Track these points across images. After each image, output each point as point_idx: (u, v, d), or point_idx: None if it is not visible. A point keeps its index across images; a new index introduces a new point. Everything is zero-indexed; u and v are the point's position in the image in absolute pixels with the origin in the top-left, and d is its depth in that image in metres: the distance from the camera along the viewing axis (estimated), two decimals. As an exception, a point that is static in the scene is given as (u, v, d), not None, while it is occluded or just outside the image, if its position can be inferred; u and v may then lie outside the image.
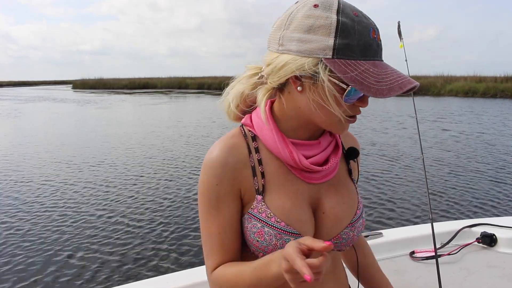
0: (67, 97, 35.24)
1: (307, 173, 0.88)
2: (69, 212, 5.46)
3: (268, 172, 0.87)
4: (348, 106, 0.78)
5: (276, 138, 0.86)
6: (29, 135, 13.05)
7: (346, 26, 0.73)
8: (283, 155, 0.86)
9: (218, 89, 39.71)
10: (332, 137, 0.93)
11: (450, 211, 5.29)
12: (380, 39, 0.76)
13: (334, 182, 0.92)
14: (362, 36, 0.73)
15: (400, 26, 1.89)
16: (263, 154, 0.89)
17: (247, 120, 0.93)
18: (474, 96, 26.28)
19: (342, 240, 0.90)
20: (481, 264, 1.90)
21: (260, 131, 0.89)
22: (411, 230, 2.19)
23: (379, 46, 0.76)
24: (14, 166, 8.32)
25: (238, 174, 0.86)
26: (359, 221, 0.92)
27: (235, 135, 0.91)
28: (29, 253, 4.22)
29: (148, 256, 4.11)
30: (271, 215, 0.84)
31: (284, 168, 0.88)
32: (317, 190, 0.90)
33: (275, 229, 0.83)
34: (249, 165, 0.87)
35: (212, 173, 0.86)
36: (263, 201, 0.85)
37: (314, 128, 0.88)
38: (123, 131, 13.43)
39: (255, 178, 0.86)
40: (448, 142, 10.34)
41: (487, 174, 7.15)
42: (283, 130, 0.88)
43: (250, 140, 0.90)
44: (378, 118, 15.42)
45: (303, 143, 0.88)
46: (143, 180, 7.02)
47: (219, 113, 6.57)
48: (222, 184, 0.86)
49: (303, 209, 0.87)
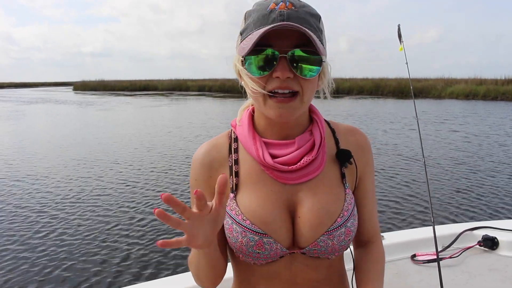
0: (68, 98, 35.27)
1: (279, 173, 0.88)
2: (73, 211, 5.46)
3: (242, 171, 0.90)
4: (266, 79, 0.80)
5: (247, 136, 0.90)
6: (32, 136, 13.05)
7: (249, 13, 0.83)
8: (252, 153, 0.89)
9: (219, 91, 40.02)
10: (311, 136, 0.91)
11: (451, 214, 5.28)
12: (285, 7, 0.78)
13: (315, 185, 0.89)
14: (258, 12, 0.80)
15: (400, 29, 1.90)
16: (241, 154, 0.92)
17: (233, 122, 0.97)
18: (474, 98, 26.27)
19: (321, 248, 0.86)
20: (482, 268, 1.89)
21: (239, 131, 0.94)
22: (412, 233, 2.19)
23: (281, 14, 0.78)
24: (18, 167, 8.32)
25: (214, 172, 0.92)
26: (340, 230, 0.86)
27: (222, 136, 0.97)
28: (35, 253, 4.22)
29: (156, 257, 4.11)
30: (239, 213, 0.86)
31: (258, 168, 0.90)
32: (294, 193, 0.89)
33: (241, 226, 0.85)
34: (227, 164, 0.92)
35: (193, 169, 0.95)
36: (234, 199, 0.88)
37: (285, 126, 0.89)
38: (126, 133, 13.43)
39: (230, 177, 0.90)
40: (449, 144, 10.32)
41: (489, 177, 7.13)
42: (258, 130, 0.92)
43: (232, 141, 0.95)
44: (379, 120, 15.41)
45: (276, 143, 0.89)
46: (150, 181, 7.02)
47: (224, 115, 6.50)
48: (199, 180, 0.93)
49: (272, 209, 0.86)
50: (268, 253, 0.85)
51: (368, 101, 26.13)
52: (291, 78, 0.79)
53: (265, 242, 0.84)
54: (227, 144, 0.94)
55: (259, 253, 0.85)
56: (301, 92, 0.81)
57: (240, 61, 0.83)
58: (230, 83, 40.13)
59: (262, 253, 0.85)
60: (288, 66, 0.78)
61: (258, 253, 0.85)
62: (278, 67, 0.78)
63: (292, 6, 0.79)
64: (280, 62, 0.78)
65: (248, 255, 0.86)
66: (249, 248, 0.85)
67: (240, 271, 0.96)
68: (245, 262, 0.91)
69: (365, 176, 0.98)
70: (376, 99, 28.26)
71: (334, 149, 0.95)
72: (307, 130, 0.92)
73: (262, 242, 0.84)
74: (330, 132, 0.97)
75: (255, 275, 0.92)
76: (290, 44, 0.78)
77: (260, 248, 0.85)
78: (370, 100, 26.93)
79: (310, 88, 0.83)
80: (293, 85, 0.80)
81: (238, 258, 0.91)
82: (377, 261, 0.99)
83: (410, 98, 26.60)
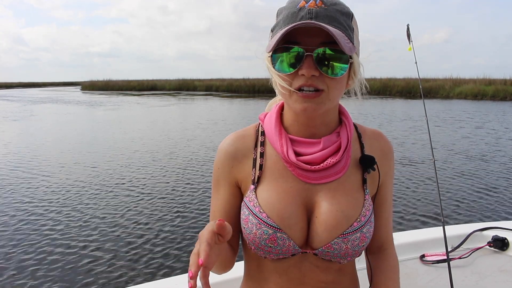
0: (76, 98, 35.52)
1: (302, 171, 0.88)
2: (77, 212, 5.50)
3: (266, 165, 0.91)
4: (292, 76, 0.81)
5: (274, 131, 0.91)
6: (43, 136, 13.15)
7: (280, 10, 0.85)
8: (277, 148, 0.90)
9: (226, 91, 40.07)
10: (338, 138, 0.90)
11: (461, 214, 5.24)
12: (315, 4, 0.79)
13: (335, 187, 0.89)
14: (287, 10, 0.81)
15: (409, 29, 1.89)
16: (267, 148, 0.93)
17: (262, 116, 0.98)
18: (483, 98, 26.06)
19: (334, 250, 0.86)
20: (492, 269, 1.87)
21: (266, 126, 0.94)
22: (421, 233, 2.17)
23: (309, 11, 0.78)
24: (29, 166, 8.40)
25: (237, 163, 0.93)
26: (355, 235, 0.86)
27: (250, 128, 0.98)
28: (42, 254, 4.26)
29: (161, 257, 4.13)
30: (257, 205, 0.87)
31: (281, 164, 0.90)
32: (315, 192, 0.89)
33: (257, 218, 0.86)
34: (251, 157, 0.93)
35: (217, 157, 0.96)
36: (254, 191, 0.90)
37: (311, 124, 0.89)
38: (136, 132, 13.51)
39: (253, 169, 0.91)
40: (459, 144, 10.24)
41: (500, 177, 7.07)
42: (285, 126, 0.93)
43: (259, 134, 0.95)
44: (388, 120, 15.34)
45: (301, 140, 0.90)
46: (164, 179, 7.05)
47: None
48: (222, 169, 0.95)
49: (291, 206, 0.86)
50: (280, 248, 0.86)
51: (377, 101, 26.00)
52: (317, 76, 0.79)
53: (278, 237, 0.85)
54: (254, 137, 0.95)
55: (271, 247, 0.86)
56: (327, 90, 0.81)
57: (268, 58, 0.84)
58: (237, 83, 40.22)
59: (274, 247, 0.86)
60: (314, 64, 0.78)
61: (270, 247, 0.86)
62: (304, 65, 0.78)
63: (322, 4, 0.79)
64: (306, 60, 0.78)
65: (260, 248, 0.87)
66: (262, 241, 0.86)
67: (251, 266, 0.97)
68: (256, 257, 0.92)
69: (385, 183, 0.98)
70: (384, 99, 28.12)
71: (359, 153, 0.94)
72: (335, 132, 0.91)
73: (276, 236, 0.85)
74: (357, 136, 0.96)
75: (264, 270, 0.93)
76: (317, 42, 0.78)
77: (273, 242, 0.85)
78: (379, 100, 26.80)
79: (336, 87, 0.82)
80: (318, 83, 0.79)
81: (250, 250, 0.93)
82: (394, 269, 1.00)
83: (418, 98, 26.80)
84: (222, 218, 0.89)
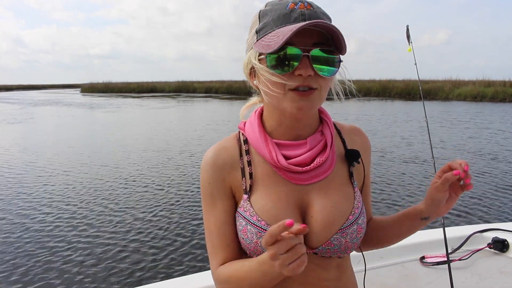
0: (76, 101, 35.53)
1: (292, 174, 0.89)
2: (82, 211, 5.51)
3: (256, 173, 0.91)
4: (288, 76, 0.81)
5: (259, 138, 0.91)
6: (44, 138, 13.16)
7: (264, 12, 0.85)
8: (264, 155, 0.90)
9: (226, 93, 40.05)
10: (322, 137, 0.92)
11: (460, 216, 5.24)
12: (304, 7, 0.81)
13: (326, 185, 0.90)
14: (276, 11, 0.82)
15: (409, 30, 1.89)
16: (253, 156, 0.93)
17: (241, 125, 0.98)
18: (482, 100, 26.07)
19: (334, 246, 0.87)
20: (492, 270, 1.87)
21: (248, 133, 0.94)
22: (421, 235, 2.17)
23: (302, 13, 0.80)
24: (29, 168, 8.40)
25: (226, 174, 0.92)
26: (352, 228, 0.88)
27: (229, 139, 0.97)
28: (49, 257, 4.26)
29: (164, 258, 4.13)
30: (254, 214, 0.87)
31: (270, 170, 0.91)
32: (306, 193, 0.90)
33: (256, 227, 0.86)
34: (238, 167, 0.92)
35: (204, 173, 0.94)
36: (248, 200, 0.89)
37: (296, 126, 0.90)
38: (136, 134, 13.52)
39: (243, 179, 0.91)
40: (459, 145, 10.25)
41: (499, 178, 7.08)
42: (268, 131, 0.93)
43: (242, 143, 0.95)
44: (388, 122, 15.35)
45: (288, 144, 0.90)
46: (162, 183, 7.06)
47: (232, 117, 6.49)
48: (214, 183, 0.92)
49: (286, 209, 0.87)
50: None
51: (376, 103, 26.03)
52: (312, 76, 0.81)
53: None
54: (237, 146, 0.95)
55: None
56: (319, 89, 0.83)
57: (258, 58, 0.84)
58: (237, 85, 40.20)
59: None
60: (310, 64, 0.80)
61: None
62: (300, 65, 0.80)
63: (310, 7, 0.82)
64: (302, 60, 0.80)
65: None
66: (263, 248, 0.84)
67: None
68: None
69: (367, 173, 1.02)
70: (383, 100, 28.14)
71: (342, 149, 0.97)
72: (318, 131, 0.93)
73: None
74: (337, 132, 0.99)
75: None
76: (310, 42, 0.81)
77: None
78: (378, 102, 26.82)
79: (326, 86, 0.85)
80: (312, 82, 0.81)
81: (250, 257, 0.91)
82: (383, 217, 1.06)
83: (417, 99, 26.80)
84: (229, 234, 0.91)
